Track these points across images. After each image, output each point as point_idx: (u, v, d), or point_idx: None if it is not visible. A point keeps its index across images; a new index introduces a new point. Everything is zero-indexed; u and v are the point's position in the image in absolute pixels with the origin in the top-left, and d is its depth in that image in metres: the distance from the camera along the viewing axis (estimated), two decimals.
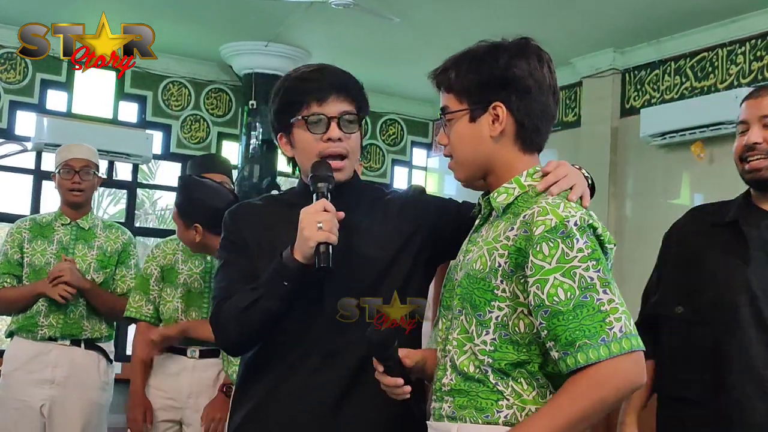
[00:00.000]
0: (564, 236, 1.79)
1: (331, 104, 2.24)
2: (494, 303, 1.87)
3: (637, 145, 7.01)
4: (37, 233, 4.18)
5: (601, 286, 1.78)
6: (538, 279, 1.79)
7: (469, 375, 1.88)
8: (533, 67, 1.95)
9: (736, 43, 6.45)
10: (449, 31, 6.79)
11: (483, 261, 1.89)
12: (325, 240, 2.05)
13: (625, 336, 1.75)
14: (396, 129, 9.10)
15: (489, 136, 1.96)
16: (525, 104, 1.94)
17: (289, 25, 6.84)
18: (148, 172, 12.00)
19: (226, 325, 2.18)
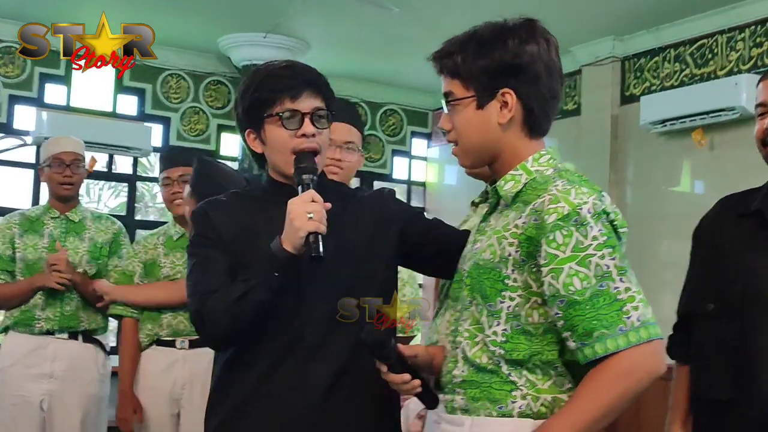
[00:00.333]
0: (578, 224, 1.76)
1: (304, 100, 2.27)
2: (505, 293, 1.84)
3: (637, 133, 7.00)
4: (28, 228, 4.17)
5: (618, 274, 1.75)
6: (552, 268, 1.76)
7: (482, 366, 1.86)
8: (542, 51, 1.92)
9: (736, 30, 6.44)
10: (449, 21, 6.76)
11: (492, 251, 1.86)
12: (315, 230, 2.07)
13: (643, 325, 1.73)
14: (395, 119, 9.09)
15: (497, 123, 1.92)
16: (534, 90, 1.91)
17: (287, 16, 6.82)
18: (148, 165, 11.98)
19: (216, 317, 2.17)
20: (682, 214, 7.09)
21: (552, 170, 1.92)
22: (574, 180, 1.85)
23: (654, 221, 6.73)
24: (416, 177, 9.29)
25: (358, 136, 3.31)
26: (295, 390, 2.21)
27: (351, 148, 3.26)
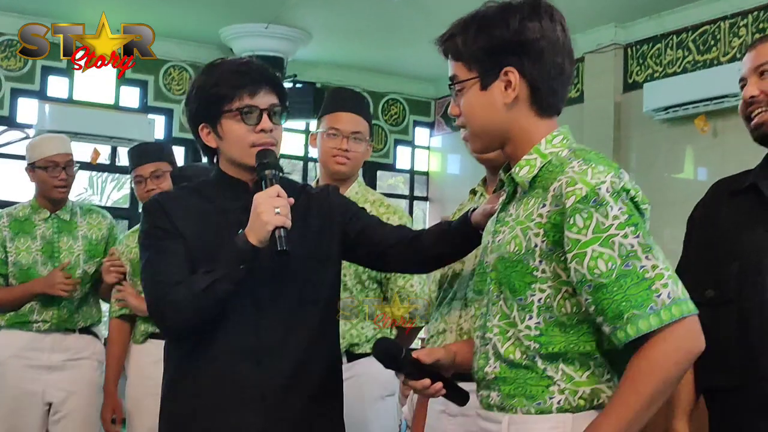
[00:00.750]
0: (597, 204, 1.70)
1: (262, 96, 2.30)
2: (535, 285, 1.79)
3: (640, 120, 6.99)
4: (18, 230, 4.05)
5: (643, 252, 1.69)
6: (576, 253, 1.70)
7: (516, 362, 1.81)
8: (546, 28, 1.85)
9: (738, 16, 6.42)
10: (450, 10, 6.71)
11: (518, 242, 1.80)
12: (281, 224, 2.11)
13: (674, 302, 1.66)
14: (398, 109, 9.08)
15: (503, 104, 1.86)
16: (538, 67, 1.84)
17: (289, 6, 6.81)
18: None
19: (179, 308, 2.20)
20: (685, 201, 7.06)
21: (567, 151, 1.85)
22: (590, 158, 1.79)
23: (657, 208, 6.67)
24: (419, 166, 9.29)
25: (366, 126, 3.30)
26: (250, 388, 2.25)
27: (358, 138, 3.25)
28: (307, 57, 8.02)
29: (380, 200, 3.31)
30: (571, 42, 1.91)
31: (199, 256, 2.22)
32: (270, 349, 2.26)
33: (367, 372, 3.17)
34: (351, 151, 3.24)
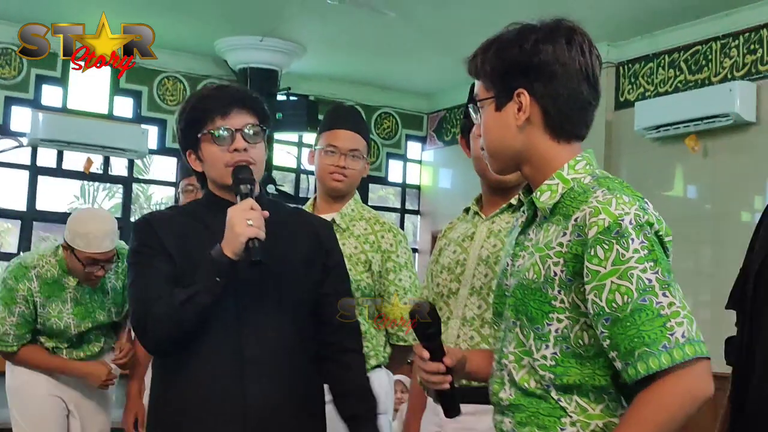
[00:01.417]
0: (619, 236, 1.67)
1: (234, 117, 2.36)
2: (553, 315, 1.76)
3: (631, 138, 7.03)
4: (49, 293, 3.86)
5: (660, 288, 1.66)
6: (595, 286, 1.67)
7: (530, 391, 1.79)
8: (559, 51, 1.84)
9: (730, 37, 6.47)
10: (444, 26, 6.80)
11: (536, 270, 1.78)
12: (254, 236, 2.17)
13: (688, 342, 1.64)
14: (390, 122, 9.11)
15: (515, 126, 1.85)
16: (550, 90, 1.82)
17: (284, 19, 6.84)
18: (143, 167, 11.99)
19: (159, 322, 2.24)
20: (676, 219, 7.11)
21: (590, 177, 1.83)
22: (615, 188, 1.76)
23: None
24: (411, 180, 9.31)
25: (363, 144, 3.32)
26: (232, 403, 2.28)
27: (356, 156, 3.28)
28: (301, 70, 8.04)
29: (375, 218, 3.33)
30: (595, 67, 1.90)
31: (187, 275, 2.26)
32: (252, 365, 2.29)
33: None
34: (348, 168, 3.26)
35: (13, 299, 3.80)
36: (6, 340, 3.85)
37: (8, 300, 3.81)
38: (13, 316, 3.81)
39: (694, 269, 6.54)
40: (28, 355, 3.95)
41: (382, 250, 3.22)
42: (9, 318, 3.81)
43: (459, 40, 7.43)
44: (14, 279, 3.82)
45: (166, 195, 11.31)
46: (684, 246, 6.68)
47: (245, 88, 2.56)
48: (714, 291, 6.46)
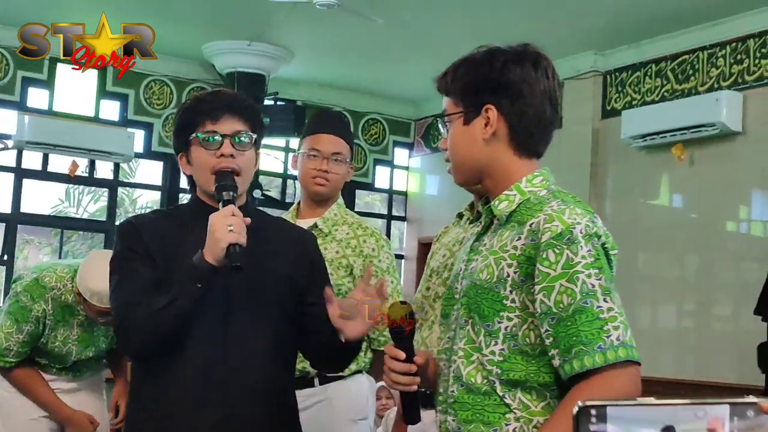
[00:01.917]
0: (569, 242, 1.79)
1: (224, 123, 2.35)
2: (503, 313, 1.87)
3: (617, 147, 7.05)
4: (60, 318, 3.78)
5: (602, 294, 1.77)
6: (544, 287, 1.79)
7: (476, 387, 1.88)
8: (527, 72, 1.95)
9: (717, 46, 6.50)
10: (432, 32, 6.80)
11: (490, 271, 1.89)
12: (235, 241, 2.16)
13: (621, 344, 1.74)
14: (378, 128, 9.11)
15: (482, 139, 1.96)
16: (516, 108, 1.94)
17: (272, 24, 6.84)
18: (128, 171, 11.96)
19: (139, 326, 2.24)
20: (661, 228, 7.15)
21: (545, 191, 1.94)
22: (568, 201, 1.89)
23: (632, 234, 6.77)
24: (398, 186, 9.32)
25: (347, 148, 3.31)
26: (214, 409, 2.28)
27: (339, 159, 3.27)
28: (289, 75, 8.04)
29: (358, 222, 3.32)
30: (556, 90, 2.01)
31: (170, 280, 2.25)
32: (236, 373, 2.29)
33: (340, 395, 3.17)
34: (331, 172, 3.25)
35: (25, 318, 3.69)
36: (6, 356, 3.73)
37: (20, 317, 3.69)
38: (21, 334, 3.70)
39: (679, 278, 6.55)
40: (23, 377, 3.83)
41: (364, 254, 3.22)
42: (16, 335, 3.71)
43: (446, 47, 7.43)
44: (30, 298, 3.71)
45: (151, 199, 11.29)
46: (669, 255, 6.70)
47: (241, 94, 2.54)
48: (699, 300, 6.48)
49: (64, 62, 7.51)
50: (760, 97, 6.21)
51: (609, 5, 6.24)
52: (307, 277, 2.45)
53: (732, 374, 6.11)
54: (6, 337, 3.69)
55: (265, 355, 2.34)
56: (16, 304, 3.70)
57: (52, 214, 11.73)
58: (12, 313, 3.69)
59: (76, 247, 14.21)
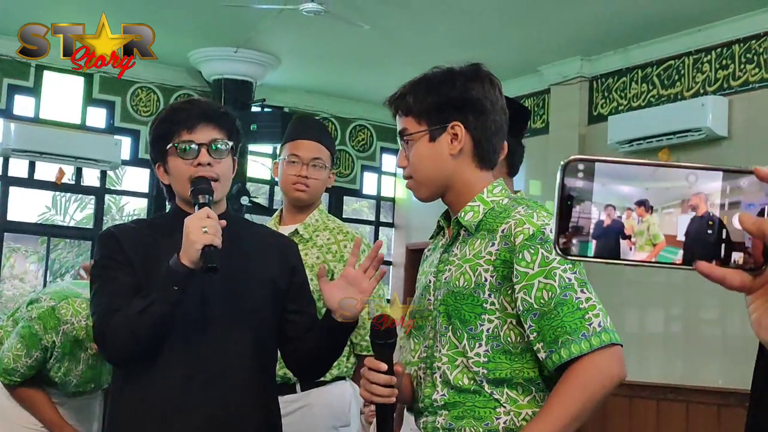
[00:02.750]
0: (542, 242, 1.90)
1: (200, 132, 2.37)
2: (484, 316, 1.96)
3: (604, 152, 7.06)
4: (67, 352, 3.79)
5: (579, 285, 1.90)
6: (524, 285, 1.90)
7: (464, 388, 1.96)
8: (487, 90, 2.05)
9: (702, 52, 6.53)
10: (418, 39, 6.82)
11: (467, 278, 1.98)
12: (210, 242, 2.17)
13: (603, 330, 1.86)
14: (365, 135, 9.11)
15: (449, 155, 2.05)
16: (481, 123, 2.04)
17: (259, 31, 6.84)
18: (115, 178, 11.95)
19: (117, 333, 2.24)
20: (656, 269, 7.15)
21: (507, 199, 2.06)
22: (532, 206, 2.01)
23: None
24: (386, 192, 9.32)
25: (327, 154, 3.32)
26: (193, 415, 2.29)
27: (318, 165, 3.28)
28: (275, 81, 8.04)
29: (339, 228, 3.32)
30: (505, 105, 2.11)
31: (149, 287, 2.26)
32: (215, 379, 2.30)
33: (321, 401, 3.16)
34: (311, 178, 3.27)
35: (35, 345, 3.70)
36: (13, 376, 3.76)
37: (30, 344, 3.71)
38: (30, 359, 3.72)
39: (665, 283, 6.57)
40: (27, 396, 3.85)
41: (344, 259, 3.20)
42: (25, 359, 3.73)
43: (433, 53, 7.44)
44: (43, 328, 3.71)
45: (138, 206, 11.26)
46: None
47: (215, 103, 2.57)
48: (686, 305, 6.50)
49: (51, 69, 7.51)
50: (746, 101, 6.24)
51: (595, 11, 6.26)
52: (288, 284, 2.46)
53: (719, 378, 6.13)
54: (15, 359, 3.72)
55: (244, 361, 2.34)
56: (29, 329, 3.70)
57: (39, 221, 11.68)
58: (24, 337, 3.70)
59: (63, 255, 14.17)
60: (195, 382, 2.29)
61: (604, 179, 0.95)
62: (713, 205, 0.94)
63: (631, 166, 0.96)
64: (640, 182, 0.95)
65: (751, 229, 0.92)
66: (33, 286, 13.03)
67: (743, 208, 0.94)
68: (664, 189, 0.95)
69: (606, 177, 0.95)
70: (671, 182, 0.95)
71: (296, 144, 3.31)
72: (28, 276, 14.48)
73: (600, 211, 0.95)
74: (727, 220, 0.94)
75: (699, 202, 0.94)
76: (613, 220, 0.95)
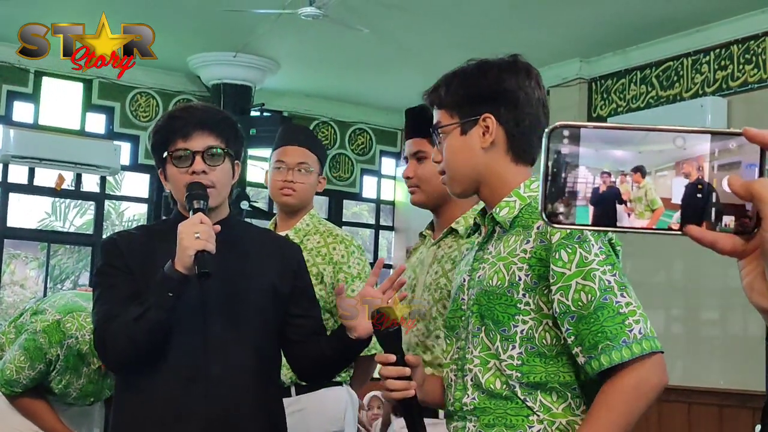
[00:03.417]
0: (581, 241, 1.83)
1: (195, 140, 2.37)
2: (518, 317, 1.88)
3: None
4: (70, 366, 3.79)
5: (619, 289, 1.82)
6: (561, 286, 1.82)
7: (496, 392, 1.89)
8: (521, 81, 1.98)
9: (701, 53, 6.53)
10: (417, 42, 6.82)
11: (501, 276, 1.90)
12: (202, 248, 2.17)
13: (645, 337, 1.79)
14: (365, 138, 9.11)
15: (480, 148, 1.98)
16: (514, 116, 1.97)
17: (257, 35, 6.84)
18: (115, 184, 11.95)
19: (115, 339, 2.25)
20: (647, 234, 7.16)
21: None
22: None
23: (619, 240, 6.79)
24: (385, 196, 9.32)
25: (313, 158, 3.36)
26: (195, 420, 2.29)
27: (305, 169, 3.32)
28: (275, 86, 8.04)
29: (329, 231, 3.35)
30: (546, 99, 2.04)
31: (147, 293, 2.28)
32: (217, 383, 2.31)
33: (315, 406, 3.17)
34: (297, 182, 3.30)
35: (39, 358, 3.71)
36: (15, 387, 3.76)
37: (34, 356, 3.71)
38: (33, 371, 3.72)
39: (666, 283, 6.57)
40: (28, 405, 3.84)
41: (333, 261, 3.25)
42: (28, 371, 3.73)
43: (432, 57, 7.45)
44: (48, 341, 3.71)
45: (138, 211, 11.26)
46: (656, 260, 6.72)
47: (215, 108, 2.56)
48: (686, 305, 6.50)
49: (50, 75, 7.51)
50: (745, 102, 6.24)
51: (593, 13, 6.26)
52: (290, 288, 2.46)
53: (720, 379, 6.13)
54: (17, 370, 3.71)
55: (245, 365, 2.35)
56: (33, 342, 3.69)
57: (39, 228, 11.67)
58: (27, 349, 3.70)
59: (63, 261, 14.16)
60: (195, 386, 2.29)
61: (592, 145, 0.93)
62: (702, 168, 0.92)
63: (617, 132, 0.94)
64: (632, 146, 0.93)
65: (740, 192, 0.91)
66: (33, 293, 13.02)
67: (744, 168, 0.92)
68: (655, 152, 0.93)
69: (594, 142, 0.93)
70: (661, 145, 0.93)
71: (282, 150, 3.36)
72: (28, 282, 14.47)
73: (593, 177, 0.93)
74: (717, 184, 0.92)
75: (688, 165, 0.93)
76: (608, 186, 0.93)
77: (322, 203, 8.84)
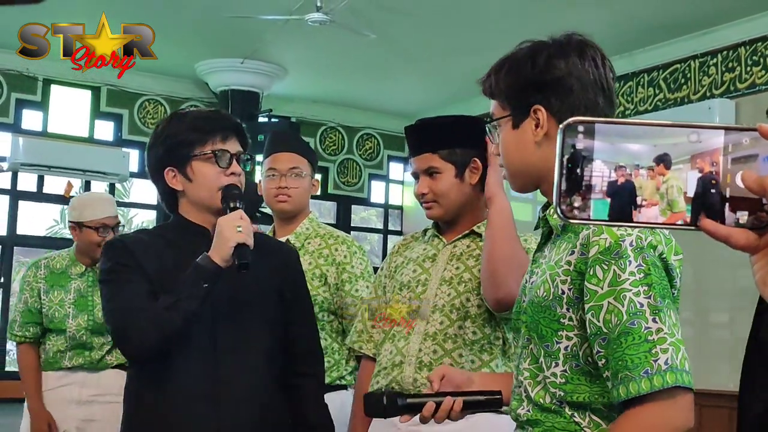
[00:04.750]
0: (617, 257, 1.66)
1: (232, 143, 2.44)
2: (561, 333, 1.73)
3: None
4: (53, 282, 4.11)
5: (651, 313, 1.63)
6: (592, 306, 1.66)
7: (545, 406, 1.75)
8: (573, 65, 1.83)
9: (708, 55, 6.52)
10: (424, 47, 6.82)
11: (546, 288, 1.76)
12: (243, 241, 2.22)
13: (670, 369, 1.60)
14: (372, 143, 9.12)
15: (533, 142, 1.80)
16: (567, 105, 1.79)
17: (265, 41, 6.85)
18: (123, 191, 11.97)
19: (144, 329, 2.26)
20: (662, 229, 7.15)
21: None
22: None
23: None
24: (393, 201, 9.32)
25: (304, 161, 3.39)
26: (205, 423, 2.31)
27: (297, 174, 3.35)
28: (282, 92, 8.06)
29: (329, 233, 3.38)
30: (608, 78, 1.89)
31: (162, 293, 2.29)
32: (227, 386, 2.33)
33: None
34: (290, 187, 3.33)
35: (22, 288, 4.12)
36: (13, 327, 4.11)
37: (21, 288, 4.14)
38: (20, 302, 4.11)
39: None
40: (24, 355, 4.12)
41: (336, 262, 3.28)
42: (18, 304, 4.13)
43: (439, 61, 7.47)
44: (27, 269, 4.21)
45: (147, 218, 11.28)
46: None
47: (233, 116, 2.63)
48: (696, 307, 6.49)
49: (58, 83, 7.53)
50: (752, 104, 6.23)
51: (599, 16, 6.27)
52: (290, 294, 2.51)
53: (730, 382, 6.11)
54: (14, 310, 4.18)
55: (256, 367, 2.37)
56: (20, 283, 4.19)
57: (48, 235, 11.71)
58: (19, 290, 4.18)
59: None
60: (205, 389, 2.31)
61: (608, 139, 0.93)
62: (716, 163, 0.92)
63: (632, 127, 0.93)
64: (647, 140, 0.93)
65: (753, 187, 0.89)
66: None
67: (761, 161, 0.91)
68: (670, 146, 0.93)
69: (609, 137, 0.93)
70: (675, 139, 0.93)
71: (272, 158, 3.39)
72: None
73: (609, 171, 0.92)
74: (731, 178, 0.92)
75: (702, 160, 0.92)
76: (625, 181, 0.92)
77: (330, 209, 8.86)
